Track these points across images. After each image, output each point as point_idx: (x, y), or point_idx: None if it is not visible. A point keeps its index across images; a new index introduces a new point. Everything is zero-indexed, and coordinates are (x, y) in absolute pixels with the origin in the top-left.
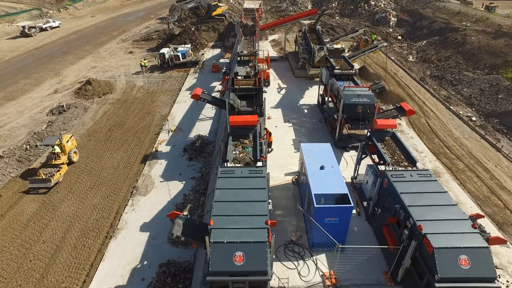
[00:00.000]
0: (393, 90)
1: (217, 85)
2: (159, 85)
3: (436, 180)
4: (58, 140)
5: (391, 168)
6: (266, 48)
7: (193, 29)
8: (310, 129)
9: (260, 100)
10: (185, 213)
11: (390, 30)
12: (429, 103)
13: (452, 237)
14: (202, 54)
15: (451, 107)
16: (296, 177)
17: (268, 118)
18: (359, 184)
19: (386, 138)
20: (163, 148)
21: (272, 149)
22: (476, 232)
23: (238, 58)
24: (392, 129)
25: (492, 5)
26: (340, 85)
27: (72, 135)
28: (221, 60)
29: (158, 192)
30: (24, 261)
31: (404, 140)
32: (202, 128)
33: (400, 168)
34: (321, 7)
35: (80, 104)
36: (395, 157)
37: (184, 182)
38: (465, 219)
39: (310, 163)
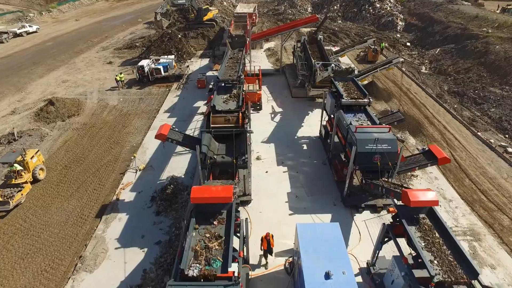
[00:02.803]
0: (408, 110)
1: (202, 105)
2: (135, 104)
3: None
4: (20, 156)
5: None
6: (259, 61)
7: (179, 36)
8: (310, 176)
9: (244, 144)
10: None
11: (398, 35)
12: (451, 127)
13: None
14: (187, 66)
15: (479, 134)
16: (290, 260)
17: (257, 159)
18: (378, 276)
19: (421, 216)
20: (127, 195)
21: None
22: None
23: (221, 84)
24: None
25: (509, 7)
26: (351, 124)
27: (38, 150)
28: (209, 73)
29: (110, 266)
30: None
31: (436, 188)
32: (178, 165)
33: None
34: (321, 9)
35: (37, 130)
36: (443, 259)
37: (146, 249)
38: None
39: (310, 265)
